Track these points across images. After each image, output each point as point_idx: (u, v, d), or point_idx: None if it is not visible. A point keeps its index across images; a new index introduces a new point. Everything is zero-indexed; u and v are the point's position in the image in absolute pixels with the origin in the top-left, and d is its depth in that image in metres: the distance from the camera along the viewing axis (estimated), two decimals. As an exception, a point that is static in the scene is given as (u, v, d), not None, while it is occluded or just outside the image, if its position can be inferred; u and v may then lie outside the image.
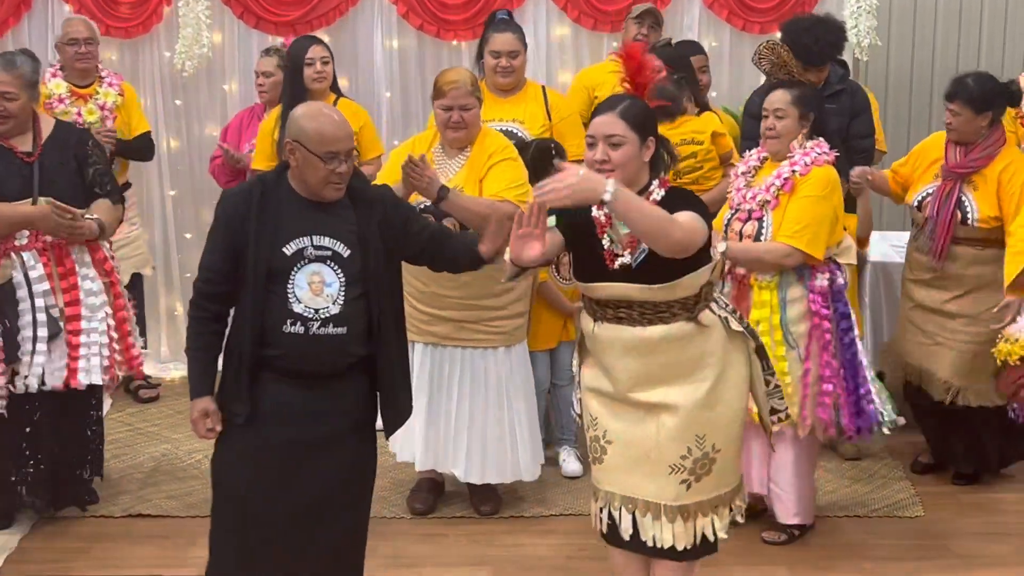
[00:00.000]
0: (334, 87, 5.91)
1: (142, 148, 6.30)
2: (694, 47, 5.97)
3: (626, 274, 3.49)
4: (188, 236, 6.90)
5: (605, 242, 3.53)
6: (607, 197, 3.25)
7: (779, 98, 4.64)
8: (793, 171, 4.56)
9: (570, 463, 5.42)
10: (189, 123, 6.82)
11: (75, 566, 4.66)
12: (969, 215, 5.05)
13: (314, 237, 3.56)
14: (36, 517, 4.95)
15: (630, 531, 3.63)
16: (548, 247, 3.47)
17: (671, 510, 3.58)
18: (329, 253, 3.57)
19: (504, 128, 5.48)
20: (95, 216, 4.73)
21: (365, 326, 3.62)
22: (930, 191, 5.16)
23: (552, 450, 5.53)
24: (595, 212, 3.55)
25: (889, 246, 6.03)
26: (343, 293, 3.57)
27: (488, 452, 4.95)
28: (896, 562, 4.67)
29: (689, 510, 3.59)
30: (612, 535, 3.71)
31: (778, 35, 6.40)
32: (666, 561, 3.69)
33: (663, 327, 3.51)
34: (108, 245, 4.95)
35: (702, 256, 3.50)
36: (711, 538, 3.65)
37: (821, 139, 4.65)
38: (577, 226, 3.58)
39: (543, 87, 5.72)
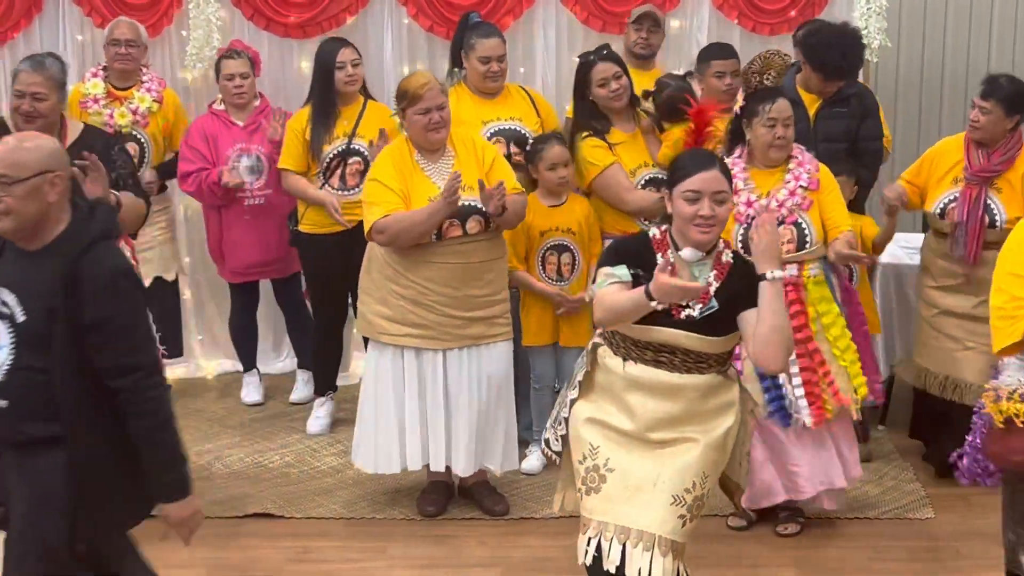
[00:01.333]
0: (363, 89, 5.91)
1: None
2: (726, 50, 5.83)
3: (687, 324, 3.52)
4: (197, 237, 6.90)
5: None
6: (774, 277, 3.44)
7: (786, 107, 4.71)
8: (809, 170, 4.71)
9: (531, 460, 5.46)
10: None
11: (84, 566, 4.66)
12: (997, 218, 5.07)
13: (2, 290, 3.26)
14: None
15: (616, 563, 3.56)
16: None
17: (665, 543, 3.53)
18: (7, 311, 3.26)
19: (505, 127, 5.52)
20: (116, 194, 4.67)
21: (41, 402, 3.22)
22: (953, 196, 5.16)
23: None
24: (660, 260, 3.55)
25: (899, 247, 6.02)
26: (10, 360, 3.24)
27: (496, 442, 5.02)
28: (906, 564, 4.67)
29: (678, 549, 3.57)
30: (595, 568, 3.62)
31: (789, 36, 6.42)
32: None
33: (698, 377, 3.57)
34: (128, 252, 4.91)
35: None
36: None
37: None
38: (642, 279, 3.56)
39: (521, 86, 5.77)
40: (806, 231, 4.67)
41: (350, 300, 6.00)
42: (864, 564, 4.68)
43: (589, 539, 3.60)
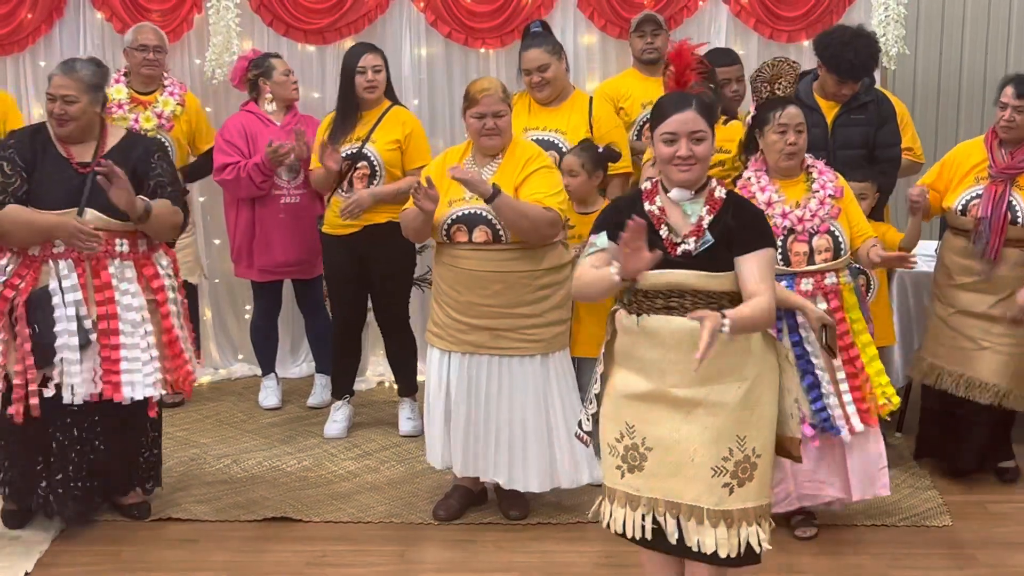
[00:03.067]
0: (390, 94, 5.93)
1: (207, 165, 6.33)
2: (729, 56, 5.96)
3: (686, 261, 3.55)
4: (217, 242, 6.95)
5: (663, 232, 3.59)
6: (725, 330, 3.37)
7: (797, 113, 4.71)
8: (831, 179, 4.75)
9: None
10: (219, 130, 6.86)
11: (105, 569, 4.69)
12: (1019, 215, 5.12)
13: None
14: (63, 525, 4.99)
15: (675, 535, 3.63)
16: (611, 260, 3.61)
17: (713, 514, 3.58)
18: None
19: (543, 138, 5.52)
20: (146, 200, 4.70)
21: None
22: (976, 193, 5.19)
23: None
24: (649, 207, 3.63)
25: (917, 255, 6.00)
26: None
27: (529, 460, 4.96)
28: (925, 571, 4.66)
29: (733, 516, 3.59)
30: (657, 541, 3.68)
31: (806, 43, 6.44)
32: (702, 566, 3.68)
33: None
34: (166, 262, 4.92)
35: None
36: (756, 548, 3.63)
37: None
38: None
39: (591, 98, 5.74)
40: (840, 239, 4.70)
41: (369, 304, 6.04)
42: (883, 571, 4.66)
43: (643, 515, 3.65)
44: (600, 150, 5.38)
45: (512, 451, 4.95)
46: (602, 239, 3.63)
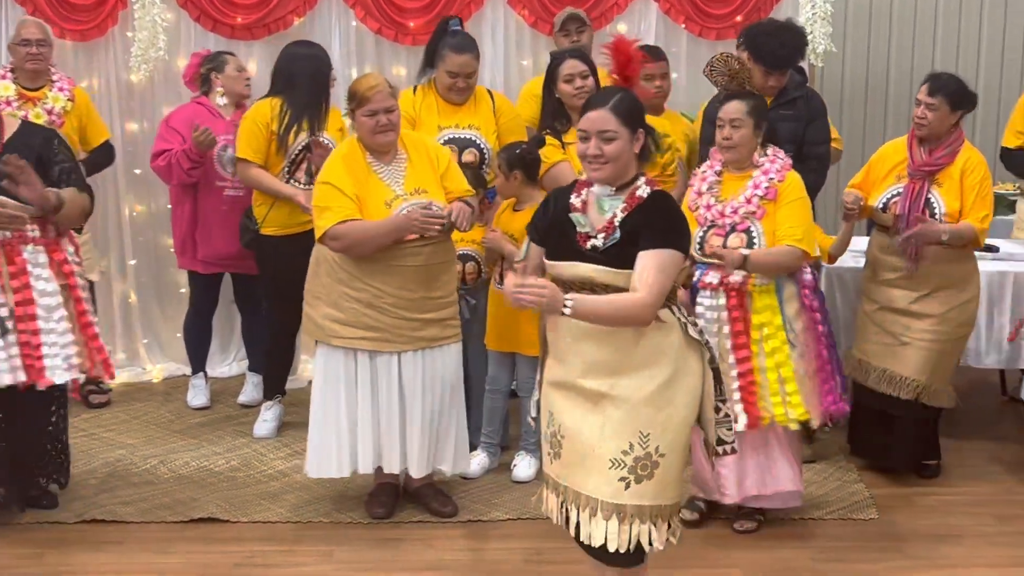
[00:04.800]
0: None
1: (106, 159, 6.28)
2: (655, 52, 6.00)
3: (594, 256, 3.55)
4: (143, 240, 6.87)
5: (578, 226, 3.61)
6: (567, 312, 3.40)
7: (735, 108, 4.72)
8: (770, 179, 4.71)
9: (522, 468, 5.42)
10: (143, 126, 6.77)
11: (27, 573, 4.61)
12: (937, 212, 5.16)
13: None
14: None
15: (575, 527, 3.66)
16: (534, 262, 3.70)
17: (607, 507, 3.58)
18: None
19: (461, 135, 5.52)
20: (56, 191, 4.65)
21: None
22: (896, 191, 5.24)
23: (507, 455, 5.57)
24: (573, 199, 3.66)
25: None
26: None
27: (440, 445, 5.02)
28: (851, 564, 4.70)
29: (626, 511, 3.58)
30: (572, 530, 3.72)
31: (735, 41, 6.48)
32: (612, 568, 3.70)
33: None
34: (72, 249, 4.88)
35: None
36: (645, 547, 3.62)
37: (774, 147, 4.81)
38: (556, 221, 3.67)
39: (489, 91, 5.76)
40: (755, 239, 4.68)
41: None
42: (809, 565, 4.70)
43: (561, 503, 3.69)
44: (518, 150, 5.34)
45: (458, 436, 5.02)
46: (524, 247, 3.67)
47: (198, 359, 6.48)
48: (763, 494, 4.86)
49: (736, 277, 4.67)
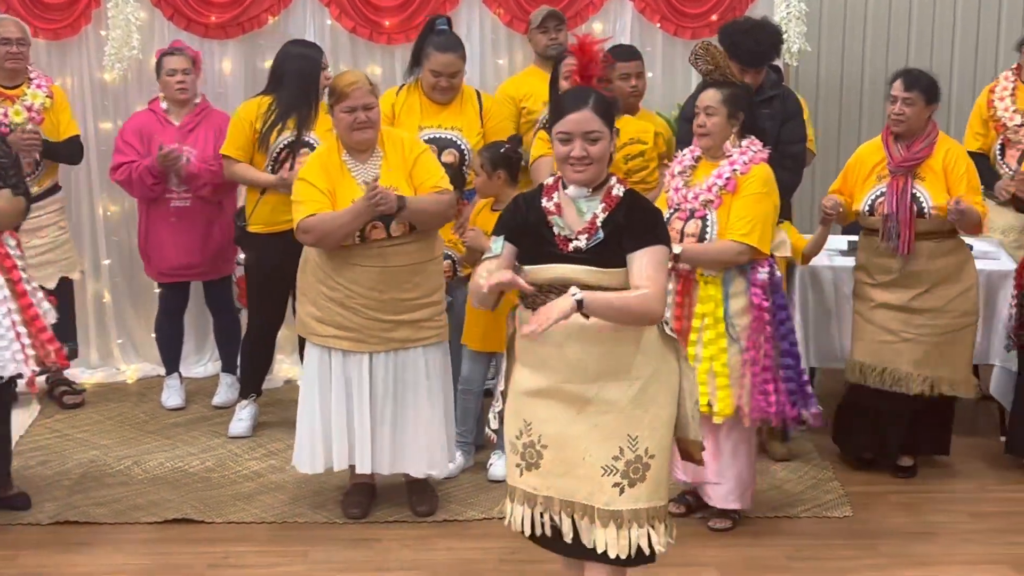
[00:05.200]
0: None
1: (70, 152, 6.23)
2: (630, 51, 6.00)
3: (578, 257, 3.53)
4: (117, 239, 6.83)
5: (556, 228, 3.57)
6: (579, 306, 3.35)
7: (710, 96, 4.76)
8: (734, 170, 4.70)
9: (498, 467, 5.41)
10: (119, 125, 6.72)
11: (3, 574, 4.59)
12: (924, 206, 5.18)
13: None
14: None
15: (571, 535, 3.62)
16: (508, 261, 3.62)
17: (604, 514, 3.57)
18: None
19: (442, 136, 5.52)
20: None
21: None
22: (880, 192, 5.25)
23: (483, 454, 5.56)
24: (545, 203, 3.61)
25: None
26: None
27: (439, 445, 4.99)
28: (824, 561, 4.72)
29: (623, 517, 3.57)
30: (554, 541, 3.67)
31: (712, 39, 6.48)
32: (599, 565, 3.67)
33: None
34: (14, 242, 4.87)
35: None
36: (646, 551, 3.62)
37: (753, 137, 4.79)
38: (528, 225, 3.62)
39: (478, 92, 5.74)
40: (708, 229, 4.69)
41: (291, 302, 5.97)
42: (784, 563, 4.72)
43: (541, 514, 3.64)
44: (502, 149, 5.35)
45: (431, 439, 4.97)
46: (498, 244, 3.60)
47: (171, 360, 6.44)
48: (697, 481, 4.90)
49: (686, 265, 4.69)
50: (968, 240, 5.98)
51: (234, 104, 6.28)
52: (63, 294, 6.17)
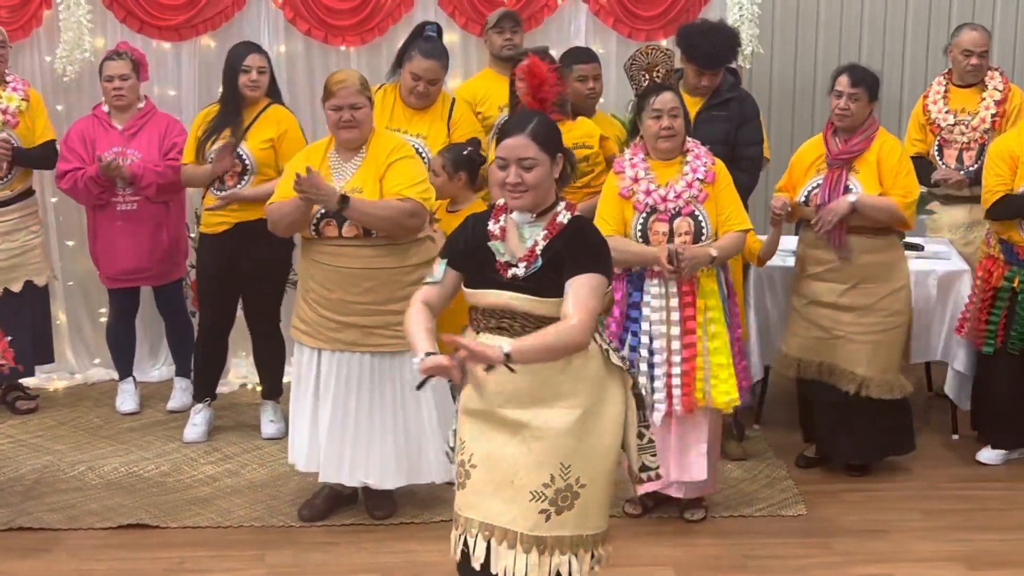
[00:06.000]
0: (274, 93, 5.87)
1: (43, 156, 6.18)
2: (587, 54, 6.01)
3: (515, 284, 3.48)
4: (70, 243, 6.77)
5: (493, 252, 3.52)
6: (506, 360, 3.26)
7: (671, 98, 4.84)
8: (706, 163, 4.86)
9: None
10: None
11: (-48, 582, 4.56)
12: (855, 200, 5.22)
13: None
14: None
15: (481, 560, 3.54)
16: (450, 292, 3.59)
17: (527, 539, 3.50)
18: None
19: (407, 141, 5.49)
20: None
21: None
22: (816, 183, 5.31)
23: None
24: (491, 226, 3.57)
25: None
26: None
27: (399, 456, 4.94)
28: (780, 560, 4.76)
29: (546, 543, 3.51)
30: (464, 565, 3.61)
31: (664, 42, 6.53)
32: None
33: None
34: None
35: None
36: None
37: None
38: (475, 247, 3.57)
39: (453, 99, 5.74)
40: (702, 223, 4.81)
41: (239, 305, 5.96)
42: (740, 562, 4.75)
43: (458, 536, 3.58)
44: (464, 151, 5.36)
45: (384, 449, 4.91)
46: (439, 270, 3.56)
47: (124, 364, 6.40)
48: (680, 480, 4.95)
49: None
50: (919, 240, 6.07)
51: (188, 107, 6.27)
52: (29, 300, 6.12)
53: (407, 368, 4.79)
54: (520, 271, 3.47)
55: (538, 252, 3.47)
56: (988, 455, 5.68)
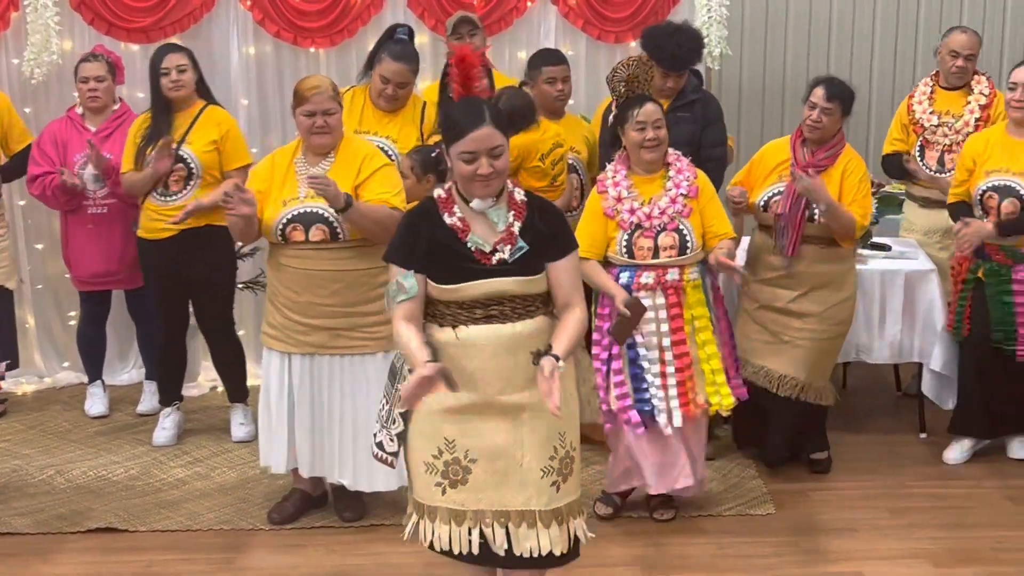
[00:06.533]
0: (206, 94, 5.81)
1: (21, 165, 6.14)
2: (556, 56, 6.02)
3: (503, 269, 3.54)
4: (39, 247, 6.74)
5: (470, 245, 3.55)
6: (562, 369, 3.48)
7: (655, 110, 4.86)
8: (688, 177, 4.88)
9: None
10: (39, 131, 6.64)
11: (-81, 588, 4.54)
12: (816, 211, 5.23)
13: None
14: None
15: (504, 546, 3.63)
16: (423, 297, 3.60)
17: (546, 515, 3.62)
18: None
19: (375, 143, 5.48)
20: None
21: None
22: (778, 190, 5.32)
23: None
24: (448, 220, 3.58)
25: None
26: None
27: (371, 459, 4.91)
28: (748, 559, 4.78)
29: (562, 512, 3.65)
30: (484, 555, 3.67)
31: (633, 43, 6.55)
32: (526, 573, 3.73)
33: (530, 321, 3.59)
34: None
35: None
36: (582, 540, 3.72)
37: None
38: (437, 245, 3.58)
39: (424, 103, 5.73)
40: (687, 237, 4.83)
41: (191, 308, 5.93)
42: (708, 561, 4.77)
43: (469, 529, 3.63)
44: (433, 153, 5.35)
45: (357, 451, 4.90)
46: (411, 282, 3.55)
47: (93, 368, 6.38)
48: (677, 488, 5.02)
49: (673, 275, 4.81)
50: (886, 240, 6.10)
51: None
52: (4, 305, 6.10)
53: (377, 371, 4.78)
54: (506, 255, 3.55)
55: (516, 233, 3.56)
56: (953, 455, 5.71)
